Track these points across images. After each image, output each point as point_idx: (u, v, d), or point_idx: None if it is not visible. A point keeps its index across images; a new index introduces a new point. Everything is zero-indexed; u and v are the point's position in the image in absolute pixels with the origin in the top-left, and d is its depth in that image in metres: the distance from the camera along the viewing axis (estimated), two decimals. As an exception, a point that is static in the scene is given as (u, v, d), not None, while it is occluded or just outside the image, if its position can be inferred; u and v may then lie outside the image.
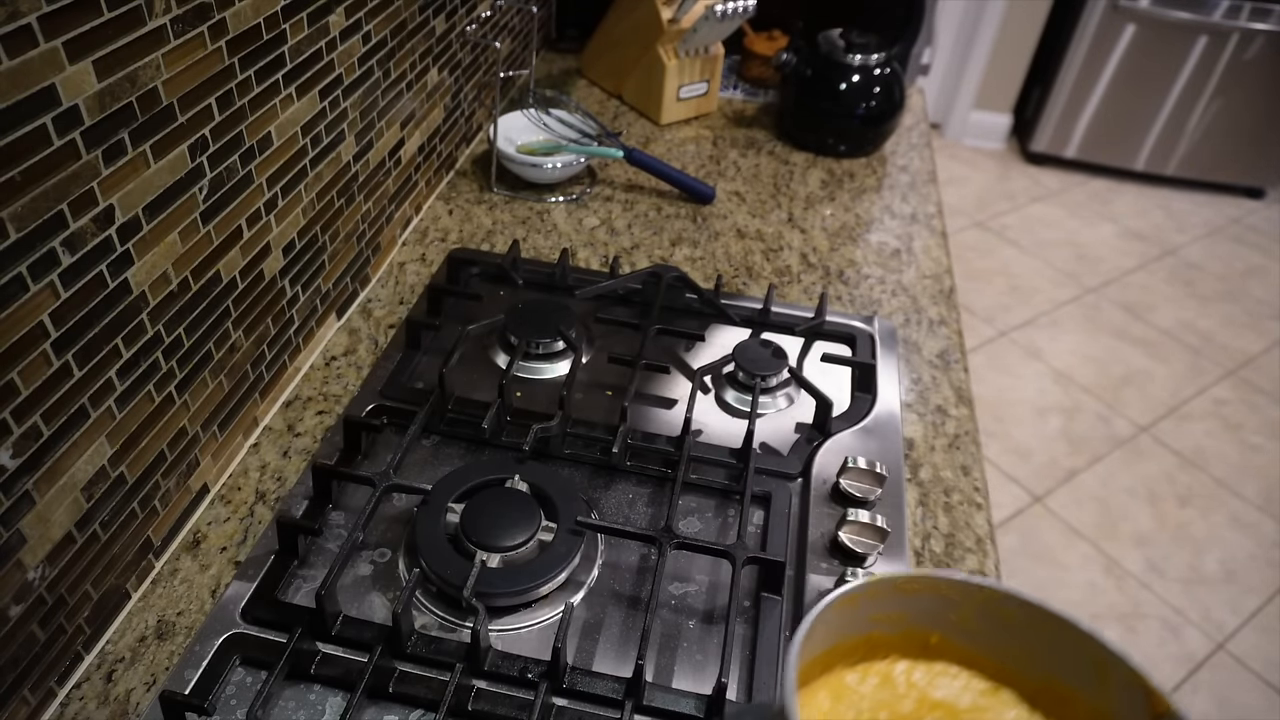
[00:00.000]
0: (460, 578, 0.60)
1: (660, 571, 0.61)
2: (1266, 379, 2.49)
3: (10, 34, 0.45)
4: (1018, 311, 2.66)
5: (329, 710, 0.56)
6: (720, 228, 1.08)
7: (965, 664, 0.49)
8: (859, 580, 0.46)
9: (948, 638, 0.49)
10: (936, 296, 0.99)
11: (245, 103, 0.66)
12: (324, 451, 0.74)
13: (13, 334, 0.49)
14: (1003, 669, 0.49)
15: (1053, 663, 0.47)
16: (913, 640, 0.49)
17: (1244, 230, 3.12)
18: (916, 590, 0.47)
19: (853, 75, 1.21)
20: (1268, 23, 2.84)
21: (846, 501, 0.71)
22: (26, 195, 0.48)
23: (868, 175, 1.22)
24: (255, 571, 0.63)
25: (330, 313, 0.86)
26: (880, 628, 0.48)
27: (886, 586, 0.47)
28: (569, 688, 0.57)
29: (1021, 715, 0.48)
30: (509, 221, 1.06)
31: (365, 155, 0.87)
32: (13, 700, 0.53)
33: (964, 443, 0.81)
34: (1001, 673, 0.49)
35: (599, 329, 0.88)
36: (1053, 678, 0.47)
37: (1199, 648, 1.80)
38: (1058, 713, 0.48)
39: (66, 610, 0.57)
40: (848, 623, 0.47)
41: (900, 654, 0.50)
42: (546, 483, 0.68)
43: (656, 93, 1.27)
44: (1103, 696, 0.45)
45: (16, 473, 0.51)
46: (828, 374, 0.85)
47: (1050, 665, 0.47)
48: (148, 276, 0.59)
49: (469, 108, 1.14)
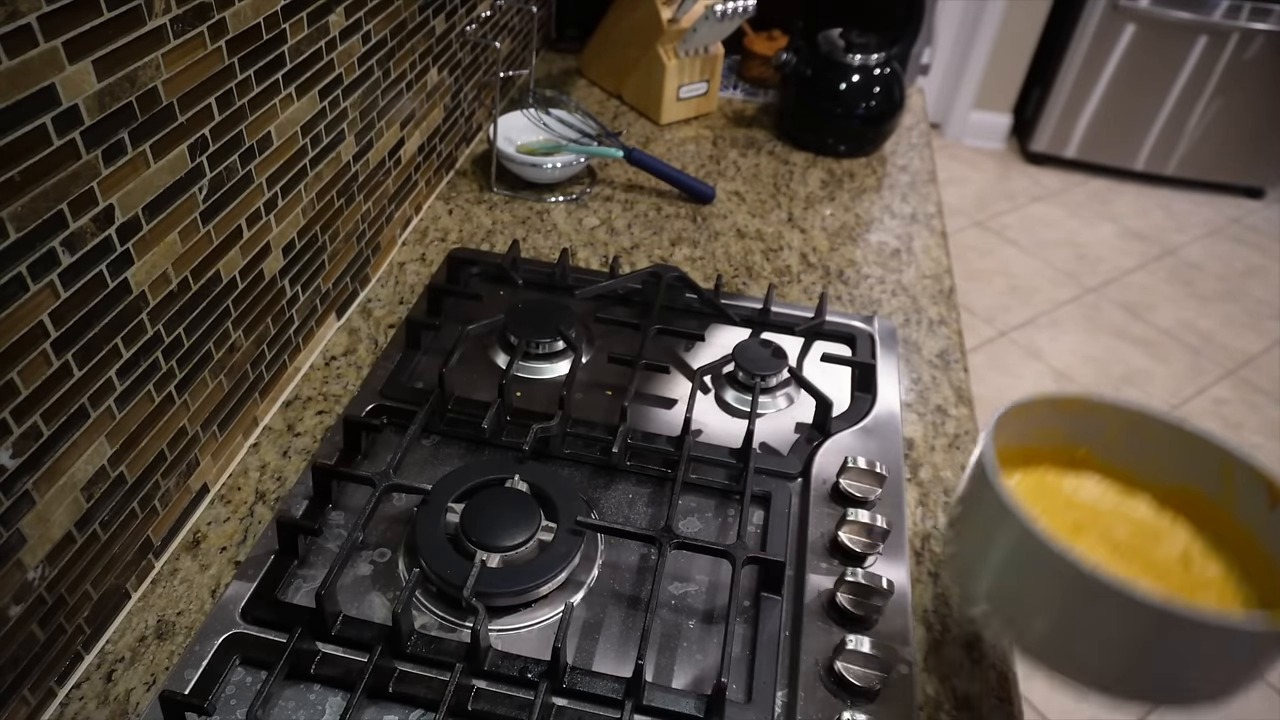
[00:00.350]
0: (460, 578, 0.60)
1: (660, 571, 0.61)
2: (1266, 379, 2.49)
3: (10, 34, 0.45)
4: (1018, 311, 2.67)
5: (329, 710, 0.56)
6: (720, 228, 1.08)
7: (1106, 475, 0.60)
8: (1026, 397, 0.56)
9: (1093, 452, 0.60)
10: (936, 296, 0.99)
11: (245, 102, 0.66)
12: (324, 451, 0.74)
13: (13, 334, 0.49)
14: (1138, 479, 0.59)
15: (1183, 471, 0.57)
16: (1062, 454, 0.60)
17: (1244, 230, 3.12)
18: (1073, 410, 0.58)
19: (853, 75, 1.21)
20: (1268, 22, 2.85)
21: (846, 501, 0.71)
22: (26, 195, 0.48)
23: (868, 175, 1.22)
24: (255, 571, 0.63)
25: (330, 312, 0.86)
26: (1037, 441, 0.59)
27: (1048, 403, 0.57)
28: (569, 687, 0.57)
29: (1152, 513, 0.58)
30: (509, 221, 1.06)
31: (365, 155, 0.87)
32: (12, 700, 0.53)
33: (964, 442, 0.81)
34: (1137, 482, 0.60)
35: (599, 329, 0.88)
36: (1182, 484, 0.57)
37: (1199, 647, 1.80)
38: (1186, 511, 0.58)
39: (66, 610, 0.57)
40: (1013, 434, 0.56)
41: (1051, 463, 0.60)
42: (546, 483, 0.68)
43: (656, 93, 1.27)
44: (1226, 494, 0.55)
45: (16, 472, 0.51)
46: (828, 374, 0.85)
47: (1180, 473, 0.57)
48: (148, 276, 0.59)
49: (469, 108, 1.14)
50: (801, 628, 0.62)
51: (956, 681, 0.62)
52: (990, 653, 0.64)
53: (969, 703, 0.61)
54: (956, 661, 0.63)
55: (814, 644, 0.61)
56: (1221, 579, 0.54)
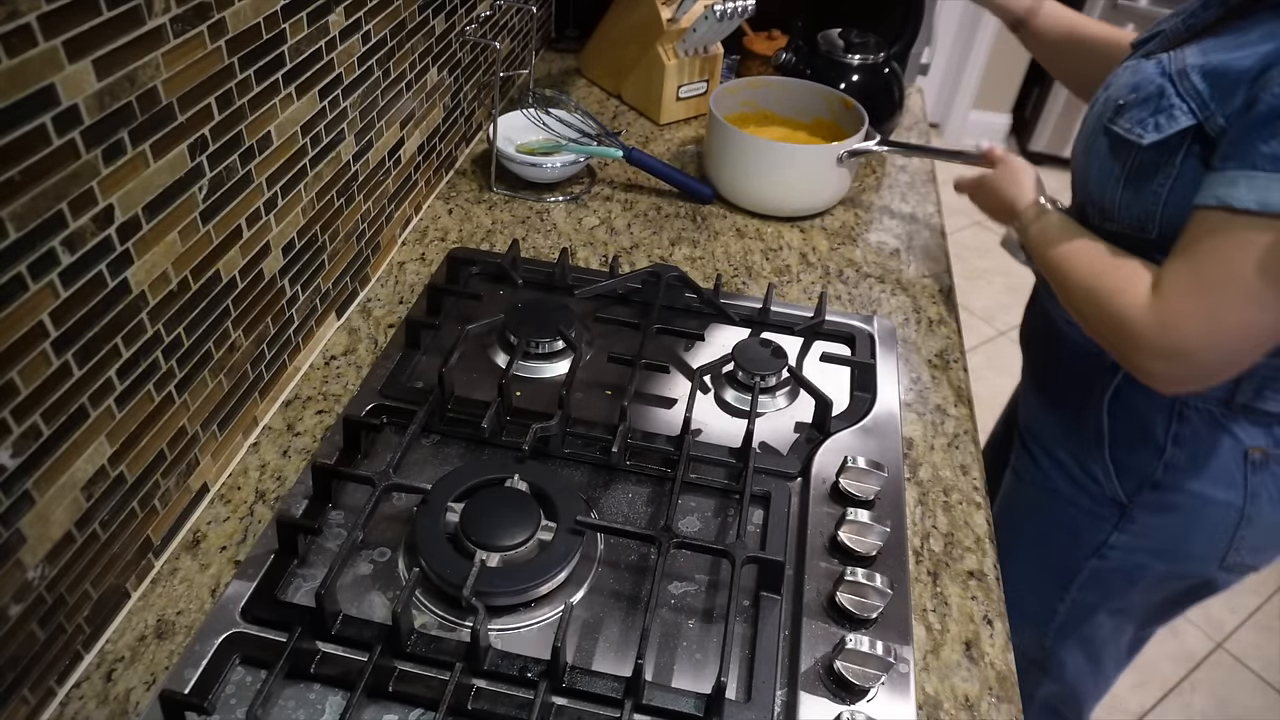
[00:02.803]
0: (460, 577, 0.60)
1: (660, 571, 0.61)
2: (1265, 378, 2.49)
3: (10, 33, 0.45)
4: (1017, 311, 2.66)
5: (329, 709, 0.56)
6: (720, 227, 1.08)
7: (782, 123, 1.21)
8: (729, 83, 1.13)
9: (772, 110, 1.22)
10: (936, 296, 0.99)
11: (245, 102, 0.66)
12: (324, 451, 0.74)
13: (13, 333, 0.49)
14: (799, 120, 1.20)
15: (817, 109, 1.19)
16: (757, 115, 1.23)
17: (1243, 230, 3.12)
18: (756, 86, 1.21)
19: (852, 75, 1.21)
20: (1267, 22, 2.84)
21: (846, 501, 0.71)
22: (26, 195, 0.48)
23: (867, 175, 1.22)
24: (255, 571, 0.63)
25: (330, 312, 0.86)
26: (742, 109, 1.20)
27: (745, 83, 1.18)
28: (568, 687, 0.57)
29: (805, 131, 1.20)
30: (509, 221, 1.06)
31: (365, 155, 0.87)
32: (12, 699, 0.53)
33: (963, 442, 0.81)
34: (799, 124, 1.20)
35: (599, 328, 0.88)
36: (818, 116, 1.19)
37: (1198, 646, 1.81)
38: (822, 130, 1.19)
39: (66, 609, 0.57)
40: (728, 107, 1.18)
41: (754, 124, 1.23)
42: (546, 482, 0.68)
43: (656, 92, 1.27)
44: (835, 114, 1.19)
45: (16, 472, 0.51)
46: (827, 373, 0.85)
47: (817, 110, 1.19)
48: (147, 276, 0.59)
49: (468, 107, 1.14)
50: (801, 627, 0.62)
51: (956, 681, 0.62)
52: (990, 652, 0.64)
53: (968, 702, 0.61)
54: (956, 661, 0.63)
55: (813, 643, 0.61)
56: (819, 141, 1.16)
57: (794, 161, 1.05)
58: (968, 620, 0.66)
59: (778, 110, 1.19)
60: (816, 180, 1.07)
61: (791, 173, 1.06)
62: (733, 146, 1.07)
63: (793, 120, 1.19)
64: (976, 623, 0.66)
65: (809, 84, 1.16)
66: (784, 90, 1.18)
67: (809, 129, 1.18)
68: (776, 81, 1.18)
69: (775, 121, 1.19)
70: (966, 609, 0.67)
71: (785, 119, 1.19)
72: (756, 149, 1.05)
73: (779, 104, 1.19)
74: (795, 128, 1.19)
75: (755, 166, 1.06)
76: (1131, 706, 1.69)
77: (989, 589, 0.68)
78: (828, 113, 1.16)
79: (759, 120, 1.19)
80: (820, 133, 1.17)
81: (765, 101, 1.19)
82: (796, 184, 1.07)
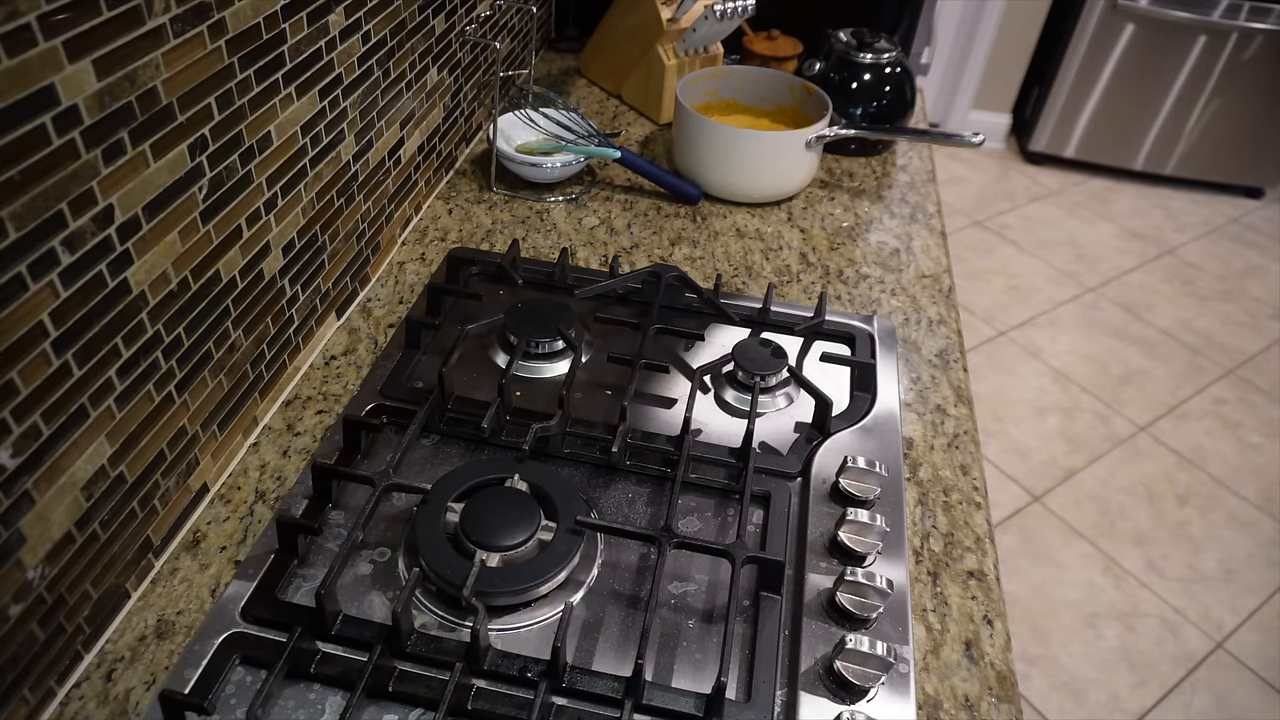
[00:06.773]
0: (460, 577, 0.60)
1: (660, 571, 0.61)
2: (1265, 378, 2.49)
3: (10, 33, 0.45)
4: (1017, 311, 2.67)
5: (329, 709, 0.56)
6: (719, 227, 1.08)
7: (745, 111, 1.24)
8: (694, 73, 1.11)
9: (735, 99, 1.24)
10: (935, 296, 0.99)
11: (245, 102, 0.66)
12: (324, 451, 0.74)
13: (12, 333, 0.49)
14: (761, 108, 1.23)
15: (778, 95, 1.23)
16: (721, 104, 1.23)
17: (1242, 230, 3.13)
18: (718, 75, 1.23)
19: (864, 74, 1.21)
20: (1267, 22, 2.85)
21: (846, 501, 0.71)
22: (26, 195, 0.48)
23: (867, 175, 1.22)
24: (255, 571, 0.63)
25: (330, 312, 0.86)
26: (706, 99, 1.22)
27: (709, 73, 1.20)
28: (568, 687, 0.57)
29: (767, 118, 1.22)
30: (508, 221, 1.06)
31: (365, 155, 0.87)
32: (12, 699, 0.53)
33: (963, 442, 0.81)
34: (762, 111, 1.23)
35: (599, 328, 0.88)
36: (779, 104, 1.21)
37: (1198, 647, 1.81)
38: (784, 117, 1.22)
39: (66, 609, 0.57)
40: (694, 96, 1.19)
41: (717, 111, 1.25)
42: (546, 482, 0.68)
43: (656, 92, 1.27)
44: (797, 100, 1.21)
45: (16, 472, 0.51)
46: (827, 373, 0.85)
47: (778, 98, 1.23)
48: (147, 276, 0.59)
49: (468, 107, 1.14)
50: (801, 627, 0.62)
51: (956, 681, 0.62)
52: (990, 652, 0.64)
53: (968, 702, 0.61)
54: (956, 661, 0.63)
55: (813, 643, 0.61)
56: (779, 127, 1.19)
57: (764, 148, 1.08)
58: (968, 620, 0.66)
59: (740, 99, 1.22)
60: (788, 165, 1.10)
61: (759, 159, 1.09)
62: (704, 136, 1.10)
63: (754, 108, 1.22)
64: (976, 623, 0.66)
65: (771, 71, 1.19)
66: (745, 78, 1.21)
67: (771, 115, 1.21)
68: (740, 70, 1.21)
69: (738, 110, 1.22)
70: (966, 609, 0.67)
71: (747, 106, 1.22)
72: (727, 138, 1.08)
73: (741, 92, 1.21)
74: (758, 115, 1.21)
75: (726, 154, 1.09)
76: (1131, 706, 1.70)
77: (989, 589, 0.69)
78: (789, 99, 1.19)
79: (722, 109, 1.22)
80: (783, 119, 1.21)
81: (728, 90, 1.21)
82: (764, 170, 1.10)
